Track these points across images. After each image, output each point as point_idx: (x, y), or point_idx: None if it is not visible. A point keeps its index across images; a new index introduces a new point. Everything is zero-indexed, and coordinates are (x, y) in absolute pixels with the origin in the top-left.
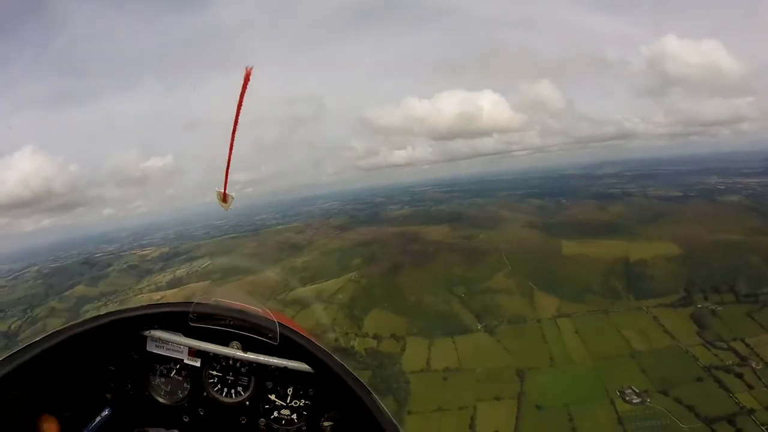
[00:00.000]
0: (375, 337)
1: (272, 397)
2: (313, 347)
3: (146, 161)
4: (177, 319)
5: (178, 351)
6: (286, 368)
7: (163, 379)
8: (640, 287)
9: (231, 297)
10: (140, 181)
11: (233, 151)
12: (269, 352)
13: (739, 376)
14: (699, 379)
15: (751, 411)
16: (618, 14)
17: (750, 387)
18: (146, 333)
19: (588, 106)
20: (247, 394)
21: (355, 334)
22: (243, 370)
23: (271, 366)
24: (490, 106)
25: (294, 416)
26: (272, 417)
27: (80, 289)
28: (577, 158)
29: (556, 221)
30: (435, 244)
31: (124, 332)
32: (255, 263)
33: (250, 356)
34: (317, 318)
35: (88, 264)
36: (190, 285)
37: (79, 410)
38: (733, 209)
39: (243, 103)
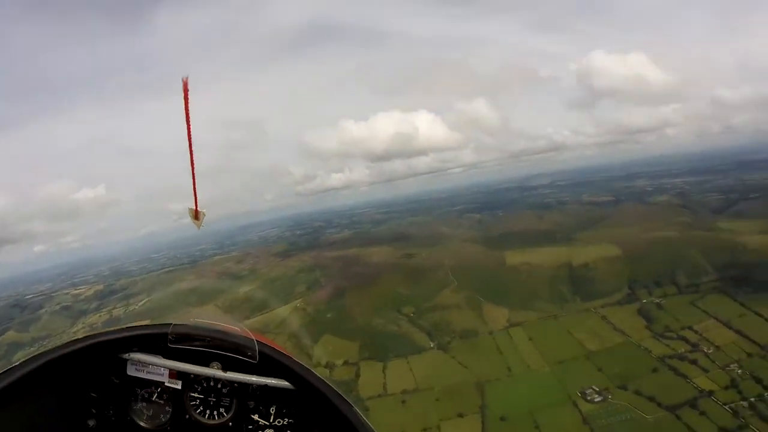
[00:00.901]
0: (327, 365)
1: (255, 417)
2: (293, 363)
3: (77, 192)
4: (156, 341)
5: (158, 374)
6: (267, 386)
7: (144, 404)
8: (586, 289)
9: (209, 317)
10: (72, 214)
11: (195, 162)
12: (250, 370)
13: (693, 362)
14: (655, 370)
15: (711, 393)
16: (549, 33)
17: (705, 370)
18: (126, 356)
19: (521, 121)
20: (230, 415)
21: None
22: (224, 390)
23: (252, 385)
24: (426, 125)
25: None
26: None
27: (10, 335)
28: (511, 172)
29: (496, 233)
30: (378, 265)
31: (104, 356)
32: (195, 297)
33: (231, 376)
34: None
35: (19, 307)
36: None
37: None
38: (663, 208)
39: (189, 115)
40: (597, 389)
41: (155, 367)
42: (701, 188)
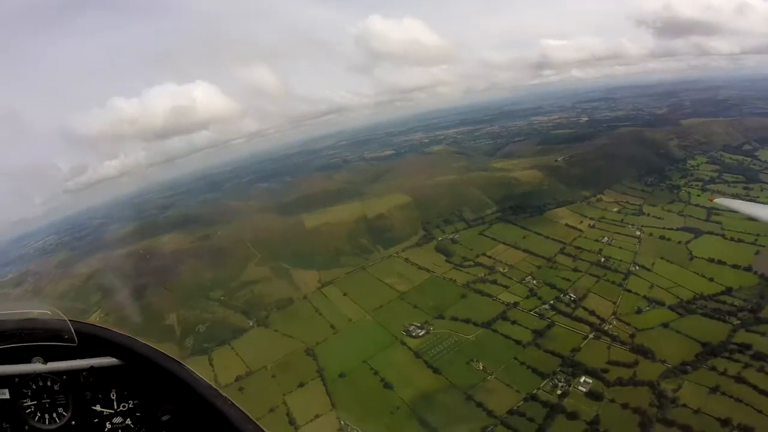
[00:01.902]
0: None
1: (97, 407)
2: (113, 335)
3: None
4: None
5: None
6: (98, 369)
7: None
8: (385, 238)
9: (13, 307)
10: None
11: None
12: (75, 357)
13: (494, 282)
14: (464, 296)
15: (516, 304)
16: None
17: (506, 287)
18: None
19: (303, 86)
20: (70, 413)
21: None
22: (56, 387)
23: (83, 372)
24: (204, 97)
25: (128, 421)
26: (107, 430)
27: None
28: (294, 137)
29: (289, 199)
30: (174, 253)
31: None
32: None
33: (53, 366)
34: None
35: None
36: None
37: None
38: (440, 156)
39: None
40: (418, 324)
41: None
42: (472, 136)
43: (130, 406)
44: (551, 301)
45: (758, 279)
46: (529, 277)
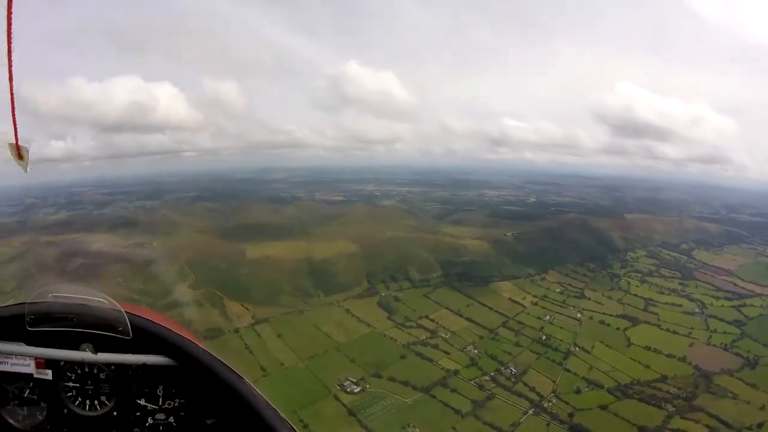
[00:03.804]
0: None
1: (142, 401)
2: (172, 336)
3: None
4: (13, 325)
5: (23, 364)
6: (145, 365)
7: (17, 402)
8: (328, 283)
9: (69, 291)
10: None
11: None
12: (126, 348)
13: (435, 346)
14: (403, 357)
15: (456, 372)
16: (311, 35)
17: (447, 353)
18: None
19: (268, 113)
20: (113, 403)
21: None
22: (102, 375)
23: (132, 366)
24: (168, 99)
25: (171, 419)
26: (147, 425)
27: None
28: (246, 163)
29: (232, 225)
30: (101, 254)
31: None
32: None
33: (103, 357)
34: None
35: None
36: None
37: None
38: (390, 211)
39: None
40: (354, 380)
41: (19, 358)
42: (423, 197)
43: (176, 404)
44: (492, 373)
45: (692, 369)
46: (471, 345)
